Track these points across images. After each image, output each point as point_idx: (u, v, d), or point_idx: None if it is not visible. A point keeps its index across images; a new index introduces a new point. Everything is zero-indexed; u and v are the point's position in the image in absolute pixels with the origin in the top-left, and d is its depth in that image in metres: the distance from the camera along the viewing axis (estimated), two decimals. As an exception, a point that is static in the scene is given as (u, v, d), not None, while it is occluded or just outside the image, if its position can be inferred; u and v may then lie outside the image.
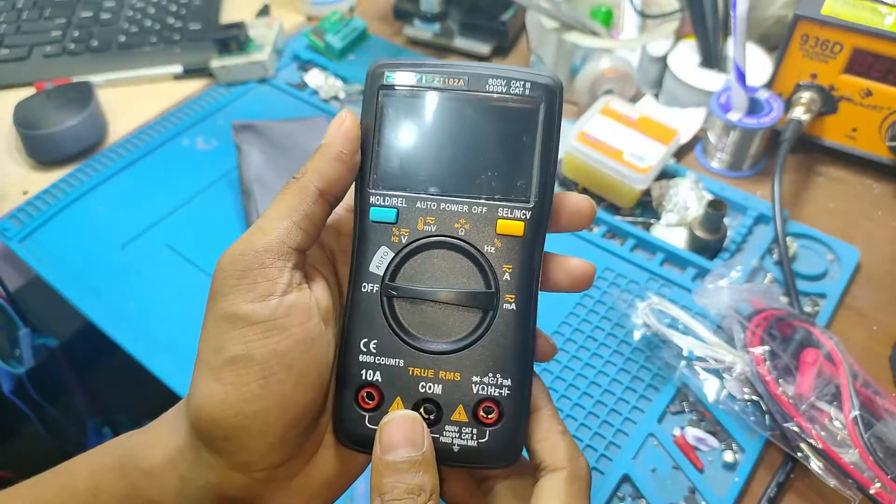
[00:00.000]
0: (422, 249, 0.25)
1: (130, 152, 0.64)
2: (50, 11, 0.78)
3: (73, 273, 0.55)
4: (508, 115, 0.25)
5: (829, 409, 0.42)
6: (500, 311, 0.25)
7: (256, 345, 0.23)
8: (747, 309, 0.47)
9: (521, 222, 0.25)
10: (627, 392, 0.46)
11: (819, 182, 0.61)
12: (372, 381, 0.25)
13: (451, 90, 0.25)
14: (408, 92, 0.26)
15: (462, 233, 0.25)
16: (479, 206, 0.25)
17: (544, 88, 0.25)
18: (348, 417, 0.25)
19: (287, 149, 0.62)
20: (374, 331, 0.25)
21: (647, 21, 0.68)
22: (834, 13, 0.55)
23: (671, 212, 0.56)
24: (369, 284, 0.26)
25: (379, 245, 0.26)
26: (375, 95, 0.26)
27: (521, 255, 0.25)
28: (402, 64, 0.26)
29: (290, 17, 0.81)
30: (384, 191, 0.26)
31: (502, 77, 0.25)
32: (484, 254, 0.25)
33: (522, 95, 0.25)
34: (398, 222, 0.26)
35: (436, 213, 0.25)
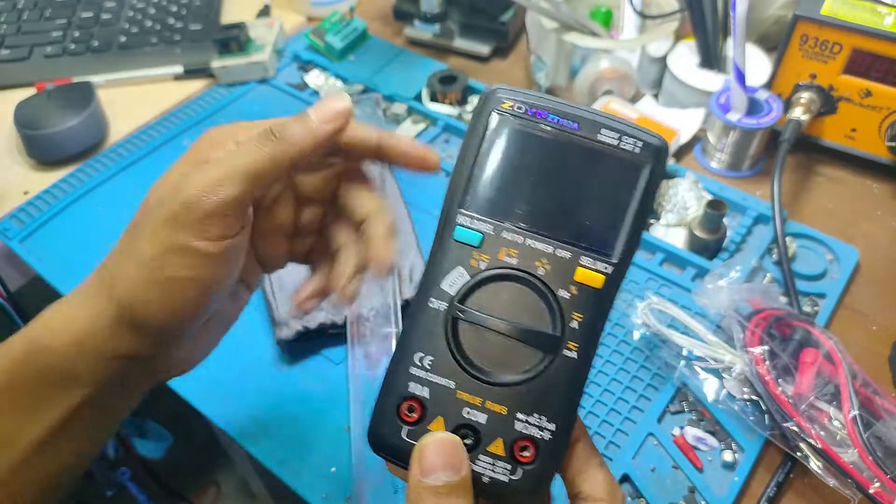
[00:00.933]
0: (498, 279, 0.25)
1: (131, 152, 0.64)
2: (50, 12, 0.78)
3: (73, 273, 0.55)
4: (613, 168, 0.25)
5: (828, 408, 0.42)
6: (560, 356, 0.25)
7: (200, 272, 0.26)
8: (747, 309, 0.47)
9: (602, 276, 0.25)
10: (627, 392, 0.46)
11: (818, 182, 0.61)
12: (418, 396, 0.25)
13: (563, 130, 0.25)
14: (519, 122, 0.25)
15: (541, 272, 0.25)
16: (564, 249, 0.25)
17: (654, 150, 0.25)
18: (386, 426, 0.25)
19: (287, 149, 0.62)
20: (431, 347, 0.25)
21: (646, 21, 0.68)
22: (833, 13, 0.55)
23: (671, 212, 0.56)
24: (437, 301, 0.25)
25: (456, 265, 0.25)
26: (486, 117, 0.26)
27: (593, 307, 0.25)
28: (519, 92, 0.26)
29: (291, 18, 0.81)
30: (473, 213, 0.26)
31: (616, 129, 0.25)
32: (558, 297, 0.25)
33: (631, 152, 0.25)
34: (480, 247, 0.25)
35: (520, 246, 0.25)
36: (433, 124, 0.66)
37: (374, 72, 0.71)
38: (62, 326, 0.28)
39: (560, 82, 0.68)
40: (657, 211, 0.57)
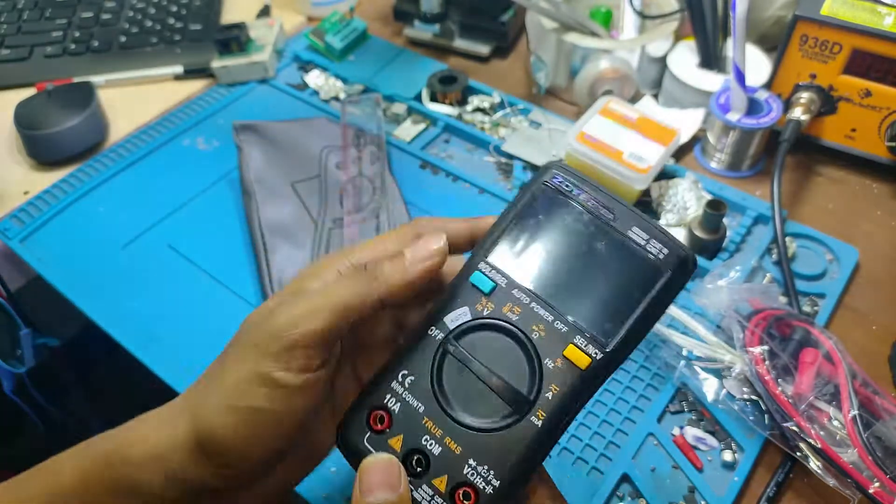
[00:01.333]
0: (495, 329, 0.27)
1: (131, 152, 0.64)
2: (51, 12, 0.78)
3: (74, 273, 0.55)
4: (633, 266, 0.26)
5: (828, 408, 0.42)
6: (526, 419, 0.25)
7: (279, 404, 0.26)
8: (746, 309, 0.47)
9: (589, 358, 0.26)
10: (627, 391, 0.46)
11: (818, 182, 0.61)
12: (389, 409, 0.27)
13: (598, 217, 0.27)
14: (561, 198, 0.27)
15: (535, 336, 0.26)
16: (562, 322, 0.26)
17: (678, 261, 0.26)
18: (353, 427, 0.27)
19: (288, 149, 0.62)
20: (416, 370, 0.27)
21: (646, 22, 0.68)
22: (833, 13, 0.55)
23: (670, 212, 0.56)
24: (437, 331, 0.27)
25: (464, 304, 0.27)
26: (537, 185, 0.28)
27: (571, 385, 0.26)
28: (572, 172, 0.28)
29: (291, 18, 0.81)
30: (494, 263, 0.27)
31: (646, 231, 0.26)
32: (542, 364, 0.26)
33: (654, 256, 0.26)
34: (490, 295, 0.27)
35: (524, 306, 0.26)
36: (433, 124, 0.66)
37: (374, 72, 0.71)
38: (142, 440, 0.28)
39: (560, 82, 0.68)
40: (657, 211, 0.57)
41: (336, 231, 0.56)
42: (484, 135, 0.64)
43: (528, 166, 0.62)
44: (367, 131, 0.63)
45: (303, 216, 0.57)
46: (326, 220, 0.57)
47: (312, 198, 0.58)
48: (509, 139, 0.64)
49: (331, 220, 0.57)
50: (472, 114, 0.67)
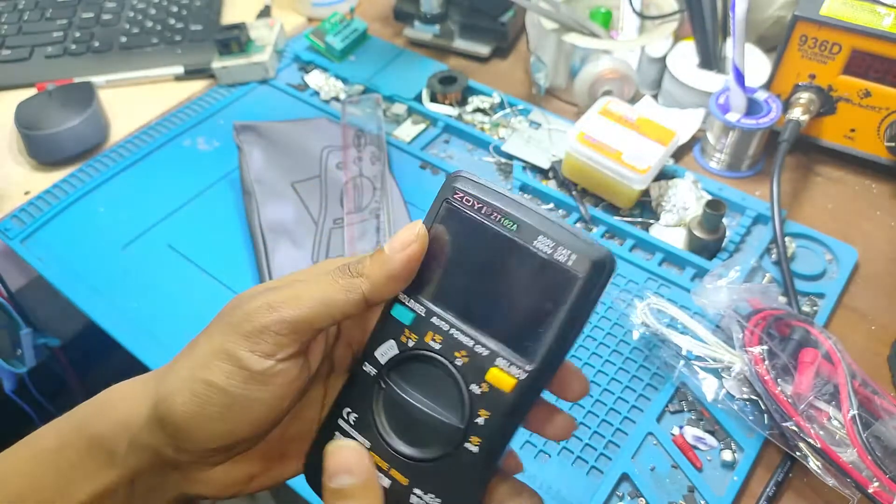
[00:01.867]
0: (421, 360, 0.26)
1: (132, 153, 0.64)
2: (51, 12, 0.79)
3: (74, 273, 0.55)
4: (545, 277, 0.24)
5: (827, 408, 0.42)
6: (462, 448, 0.25)
7: (235, 384, 0.25)
8: (746, 309, 0.47)
9: (514, 379, 0.25)
10: (626, 391, 0.47)
11: (817, 182, 0.61)
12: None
13: (502, 231, 0.25)
14: (466, 216, 0.25)
15: (459, 363, 0.25)
16: (482, 346, 0.25)
17: (591, 264, 0.24)
18: (313, 465, 0.27)
19: (288, 149, 0.62)
20: (358, 406, 0.27)
21: (646, 22, 0.68)
22: (833, 14, 0.55)
23: (670, 212, 0.56)
24: (370, 367, 0.27)
25: (389, 338, 0.27)
26: (439, 206, 0.26)
27: (500, 408, 0.25)
28: (475, 185, 0.26)
29: (291, 19, 0.81)
30: (413, 293, 0.26)
31: (554, 238, 0.24)
32: (469, 391, 0.25)
33: (564, 263, 0.24)
34: (412, 326, 0.26)
35: (444, 334, 0.26)
36: (433, 125, 0.66)
37: (375, 72, 0.71)
38: (113, 405, 0.28)
39: (560, 83, 0.69)
40: (657, 211, 0.57)
41: (336, 231, 0.56)
42: (484, 135, 0.65)
43: (527, 166, 0.62)
44: (367, 131, 0.63)
45: (303, 216, 0.57)
46: (327, 220, 0.57)
47: (313, 198, 0.58)
48: (509, 139, 0.64)
49: (331, 220, 0.57)
50: (472, 114, 0.67)
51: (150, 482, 0.28)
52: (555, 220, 0.25)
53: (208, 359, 0.26)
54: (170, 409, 0.26)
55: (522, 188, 0.60)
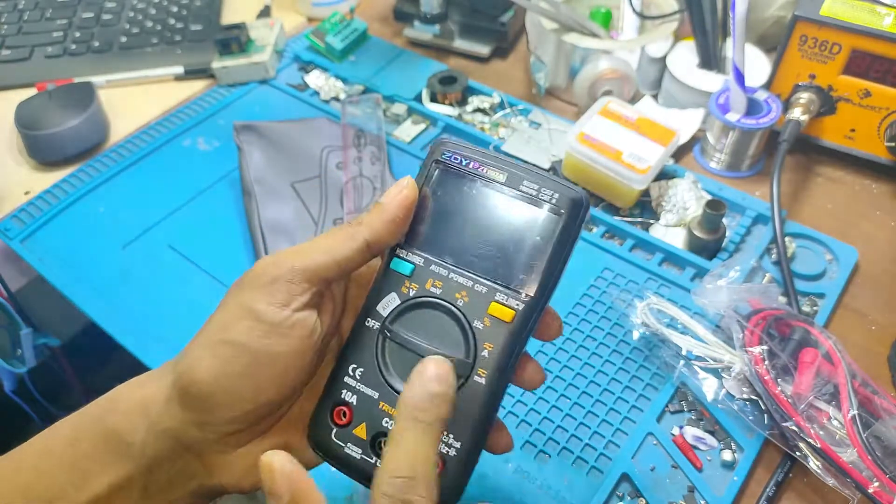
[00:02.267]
0: (423, 306, 0.28)
1: (132, 153, 0.64)
2: (51, 12, 0.79)
3: (74, 273, 0.55)
4: (532, 216, 0.28)
5: (827, 408, 0.42)
6: (470, 381, 0.27)
7: (255, 338, 0.26)
8: (746, 309, 0.47)
9: (513, 311, 0.27)
10: (626, 391, 0.47)
11: (817, 182, 0.61)
12: (348, 402, 0.28)
13: (491, 181, 0.29)
14: (455, 172, 0.29)
15: (460, 303, 0.28)
16: (481, 284, 0.28)
17: (570, 202, 0.27)
18: (320, 426, 0.29)
19: (288, 149, 0.62)
20: (363, 361, 0.29)
21: (645, 22, 0.68)
22: (832, 14, 0.55)
23: (670, 212, 0.56)
24: (373, 321, 0.29)
25: (390, 291, 0.29)
26: (428, 167, 0.29)
27: (503, 339, 0.27)
28: (460, 146, 0.29)
29: (291, 19, 0.81)
30: (409, 247, 0.29)
31: (537, 183, 0.28)
32: (472, 327, 0.28)
33: (549, 202, 0.28)
34: (411, 277, 0.29)
35: (444, 279, 0.28)
36: (433, 125, 0.66)
37: (375, 72, 0.71)
38: (131, 393, 0.28)
39: (560, 83, 0.69)
40: (657, 211, 0.57)
41: (336, 231, 0.56)
42: (484, 135, 0.65)
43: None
44: (367, 132, 0.63)
45: (303, 216, 0.57)
46: (327, 220, 0.57)
47: (313, 198, 0.58)
48: (509, 139, 0.64)
49: (331, 221, 0.57)
50: (472, 114, 0.67)
51: (168, 472, 0.28)
52: (534, 169, 0.28)
53: (227, 321, 0.27)
54: (192, 378, 0.26)
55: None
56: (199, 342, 0.27)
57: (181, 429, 0.27)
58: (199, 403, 0.26)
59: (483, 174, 0.29)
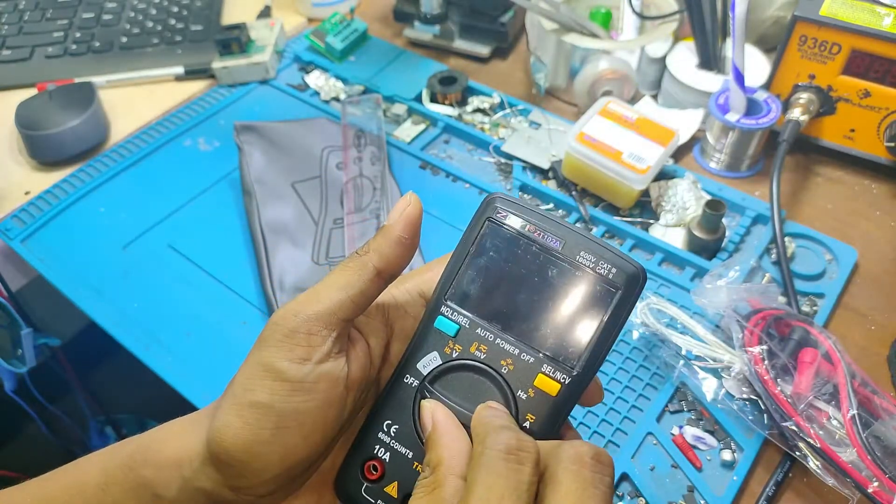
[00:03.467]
0: (466, 369, 0.27)
1: (132, 153, 0.65)
2: (52, 13, 0.79)
3: (75, 273, 0.55)
4: (586, 289, 0.27)
5: (827, 408, 0.42)
6: None
7: (280, 399, 0.25)
8: (745, 308, 0.47)
9: (559, 385, 0.27)
10: (626, 391, 0.47)
11: (817, 182, 0.61)
12: (380, 458, 0.28)
13: (546, 246, 0.27)
14: (509, 232, 0.28)
15: (505, 371, 0.27)
16: (528, 354, 0.27)
17: (627, 277, 0.26)
18: (350, 480, 0.28)
19: (288, 149, 0.62)
20: (399, 418, 0.28)
21: (645, 22, 0.68)
22: (832, 14, 0.55)
23: (669, 212, 0.56)
24: (411, 378, 0.28)
25: (432, 349, 0.28)
26: (482, 223, 0.28)
27: (546, 411, 0.27)
28: (516, 203, 0.28)
29: (291, 19, 0.81)
30: (455, 305, 0.28)
31: (594, 253, 0.27)
32: (516, 397, 0.27)
33: (605, 276, 0.27)
34: (456, 337, 0.28)
35: (490, 343, 0.27)
36: (433, 125, 0.67)
37: (375, 73, 0.71)
38: (164, 443, 0.27)
39: (559, 83, 0.69)
40: (657, 211, 0.57)
41: (336, 231, 0.56)
42: (484, 135, 0.65)
43: (527, 166, 0.62)
44: (367, 132, 0.63)
45: (303, 216, 0.57)
46: (327, 220, 0.57)
47: (313, 198, 0.58)
48: (509, 140, 0.64)
49: (331, 221, 0.57)
50: (472, 114, 0.67)
51: None
52: (593, 237, 0.27)
53: (250, 381, 0.25)
54: (222, 445, 0.25)
55: (522, 188, 0.60)
56: (227, 404, 0.26)
57: (215, 490, 0.26)
58: (231, 470, 0.26)
59: (539, 240, 0.27)
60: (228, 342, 0.50)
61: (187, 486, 0.26)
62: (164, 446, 0.27)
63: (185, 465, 0.26)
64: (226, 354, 0.49)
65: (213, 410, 0.27)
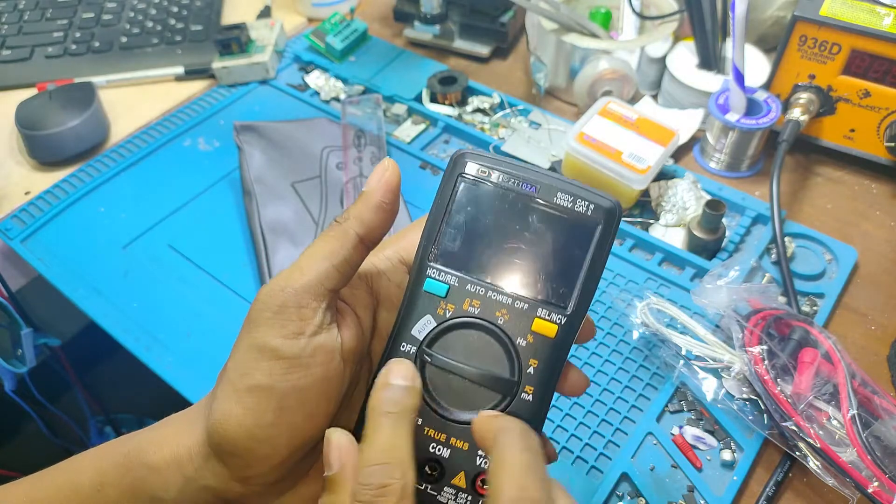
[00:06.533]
0: (462, 327, 0.27)
1: (132, 153, 0.65)
2: (52, 13, 0.79)
3: (74, 273, 0.55)
4: (567, 228, 0.27)
5: (827, 408, 0.42)
6: (518, 398, 0.27)
7: (279, 378, 0.25)
8: (745, 308, 0.47)
9: (556, 325, 0.27)
10: (626, 391, 0.47)
11: (817, 182, 0.61)
12: None
13: (523, 193, 0.27)
14: (483, 185, 0.28)
15: (501, 321, 0.27)
16: (521, 301, 0.27)
17: (605, 211, 0.27)
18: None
19: (288, 149, 0.62)
20: None
21: (645, 22, 0.68)
22: (832, 14, 0.55)
23: (669, 212, 0.56)
24: (408, 345, 0.28)
25: (424, 313, 0.28)
26: (454, 181, 0.28)
27: (547, 354, 0.27)
28: (484, 157, 0.28)
29: (291, 19, 0.81)
30: (441, 266, 0.28)
31: (570, 193, 0.27)
32: (516, 345, 0.27)
33: (584, 213, 0.27)
34: (447, 297, 0.28)
35: (482, 298, 0.27)
36: (433, 125, 0.67)
37: (375, 73, 0.71)
38: (162, 442, 0.27)
39: (559, 83, 0.69)
40: (657, 211, 0.57)
41: (336, 231, 0.56)
42: (484, 135, 0.65)
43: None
44: (367, 132, 0.63)
45: (303, 216, 0.57)
46: (327, 220, 0.57)
47: (313, 198, 0.58)
48: (509, 140, 0.64)
49: (331, 220, 0.57)
50: (472, 114, 0.67)
51: None
52: (564, 178, 0.28)
53: (245, 364, 0.25)
54: (225, 435, 0.24)
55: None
56: (224, 392, 0.25)
57: (224, 486, 0.25)
58: (238, 460, 0.25)
59: (515, 188, 0.27)
60: (228, 342, 0.49)
61: (190, 486, 0.26)
62: (161, 447, 0.26)
63: (187, 464, 0.26)
64: (226, 354, 0.49)
65: (209, 402, 0.26)
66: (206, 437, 0.25)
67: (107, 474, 0.27)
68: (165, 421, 0.28)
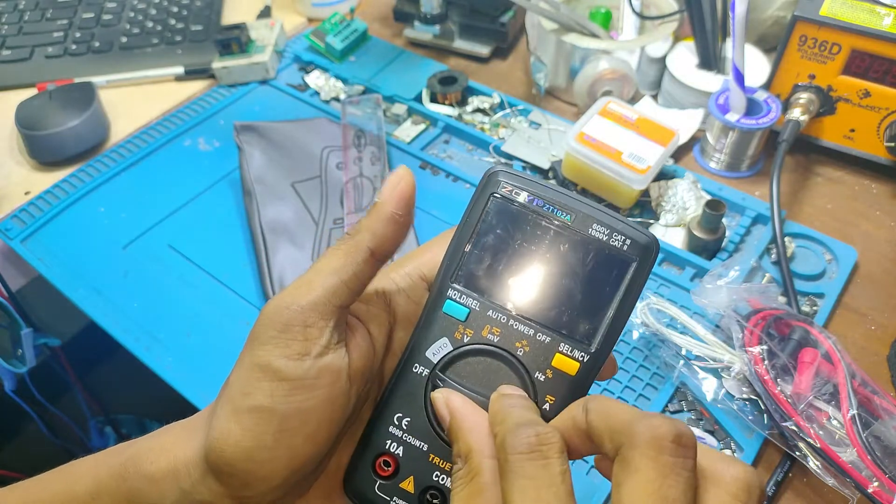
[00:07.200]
0: (479, 354, 0.26)
1: (132, 153, 0.65)
2: (52, 13, 0.79)
3: (75, 273, 0.55)
4: (600, 262, 0.26)
5: (827, 408, 0.42)
6: None
7: (281, 400, 0.24)
8: (745, 308, 0.47)
9: (577, 363, 0.25)
10: (626, 391, 0.47)
11: (817, 182, 0.61)
12: (393, 454, 0.26)
13: (556, 221, 0.26)
14: (515, 207, 0.26)
15: (520, 353, 0.26)
16: (543, 334, 0.26)
17: (642, 248, 0.26)
18: (361, 478, 0.26)
19: (288, 149, 0.62)
20: (411, 410, 0.26)
21: (645, 22, 0.68)
22: (832, 14, 0.55)
23: (669, 212, 0.56)
24: (420, 367, 0.26)
25: (441, 336, 0.26)
26: (486, 199, 0.27)
27: (565, 392, 0.26)
28: (519, 177, 0.26)
29: (291, 19, 0.81)
30: (463, 288, 0.26)
31: (607, 225, 0.26)
32: (533, 379, 0.26)
33: (619, 248, 0.26)
34: (466, 322, 0.26)
35: (503, 325, 0.26)
36: (433, 125, 0.67)
37: (375, 73, 0.71)
38: (160, 452, 0.26)
39: (559, 83, 0.69)
40: (657, 211, 0.57)
41: (337, 231, 0.56)
42: (484, 135, 0.65)
43: (527, 166, 0.62)
44: (367, 132, 0.63)
45: (303, 216, 0.57)
46: (327, 220, 0.57)
47: (313, 198, 0.58)
48: (509, 140, 0.64)
49: (331, 220, 0.57)
50: (472, 114, 0.67)
51: None
52: (602, 208, 0.26)
53: (246, 384, 0.24)
54: (223, 456, 0.24)
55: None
56: (224, 409, 0.24)
57: (217, 502, 0.25)
58: (235, 480, 0.24)
59: (548, 214, 0.26)
60: (228, 342, 0.50)
61: (186, 499, 0.25)
62: (158, 457, 0.26)
63: (184, 478, 0.25)
64: (226, 355, 0.49)
65: (209, 416, 0.25)
66: (204, 453, 0.25)
67: (103, 483, 0.26)
68: (166, 429, 0.27)
